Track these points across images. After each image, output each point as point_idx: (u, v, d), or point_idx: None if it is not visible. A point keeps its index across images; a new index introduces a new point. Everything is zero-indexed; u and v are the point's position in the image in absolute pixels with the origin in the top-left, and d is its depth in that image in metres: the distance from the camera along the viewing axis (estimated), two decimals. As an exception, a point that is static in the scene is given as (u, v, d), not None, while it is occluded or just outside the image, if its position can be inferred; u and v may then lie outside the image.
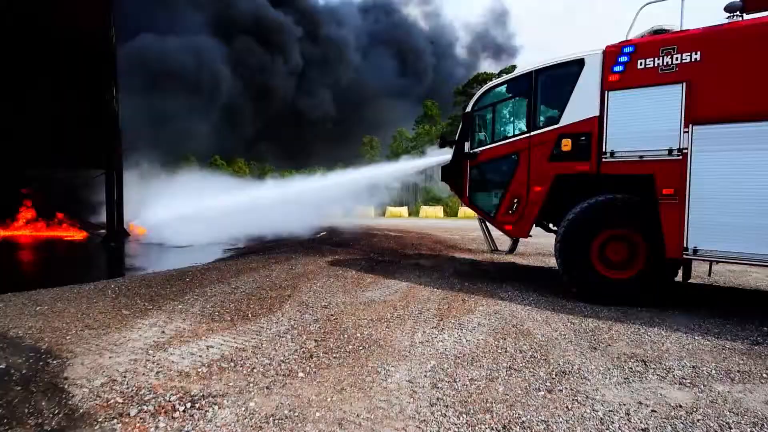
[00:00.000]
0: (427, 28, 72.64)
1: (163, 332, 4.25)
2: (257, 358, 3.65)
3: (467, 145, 6.79)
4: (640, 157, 5.28)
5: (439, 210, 35.25)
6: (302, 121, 58.30)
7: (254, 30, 53.29)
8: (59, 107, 13.58)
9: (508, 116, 6.76)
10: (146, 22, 45.23)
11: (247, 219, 13.06)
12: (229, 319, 4.72)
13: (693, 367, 3.65)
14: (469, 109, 6.79)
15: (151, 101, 40.63)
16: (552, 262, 9.27)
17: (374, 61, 63.49)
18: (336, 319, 4.81)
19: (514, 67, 38.88)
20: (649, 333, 4.56)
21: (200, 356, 3.67)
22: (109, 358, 3.60)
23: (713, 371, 3.57)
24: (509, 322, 4.84)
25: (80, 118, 14.09)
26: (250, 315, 4.86)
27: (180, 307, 5.10)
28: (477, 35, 75.78)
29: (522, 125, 6.31)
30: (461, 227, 19.90)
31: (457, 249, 11.36)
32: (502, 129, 6.71)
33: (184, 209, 12.58)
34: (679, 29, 5.19)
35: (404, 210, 37.07)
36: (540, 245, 11.09)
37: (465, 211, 31.79)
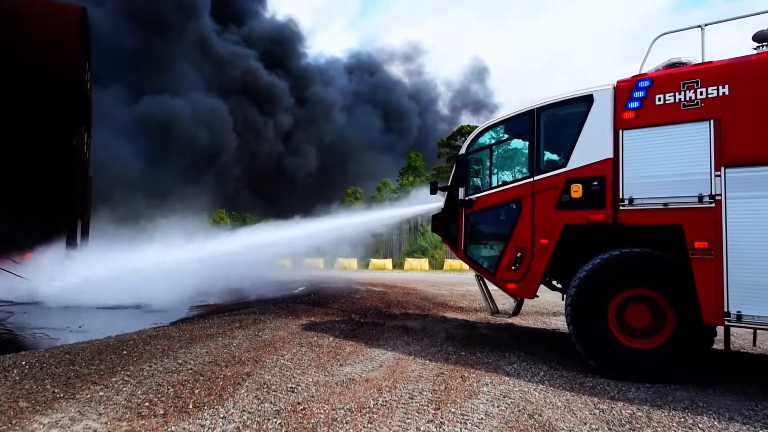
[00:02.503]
0: (410, 85, 74.93)
1: (63, 437, 3.11)
2: (184, 483, 2.56)
3: (462, 191, 5.98)
4: (665, 204, 4.54)
5: (424, 262, 34.25)
6: (287, 175, 58.17)
7: (248, 95, 54.30)
8: (18, 148, 12.66)
9: (507, 158, 6.03)
10: (150, 83, 46.06)
11: (214, 272, 11.93)
12: (161, 412, 3.58)
13: (778, 481, 2.72)
14: (463, 150, 6.04)
15: (151, 158, 40.54)
16: (555, 322, 8.33)
17: (359, 118, 64.63)
18: (304, 409, 3.72)
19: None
20: (700, 425, 3.62)
21: (101, 481, 2.56)
22: (-39, 489, 2.47)
23: (806, 488, 2.65)
24: (523, 409, 3.83)
25: (43, 162, 13.15)
26: (191, 405, 3.73)
27: (101, 394, 3.92)
28: (457, 92, 78.35)
29: (524, 168, 5.58)
30: (448, 281, 18.91)
31: (447, 307, 10.34)
32: (501, 173, 5.97)
33: (146, 262, 11.40)
34: (697, 62, 4.64)
35: (388, 262, 36.00)
36: (538, 303, 10.13)
37: (451, 263, 30.89)
